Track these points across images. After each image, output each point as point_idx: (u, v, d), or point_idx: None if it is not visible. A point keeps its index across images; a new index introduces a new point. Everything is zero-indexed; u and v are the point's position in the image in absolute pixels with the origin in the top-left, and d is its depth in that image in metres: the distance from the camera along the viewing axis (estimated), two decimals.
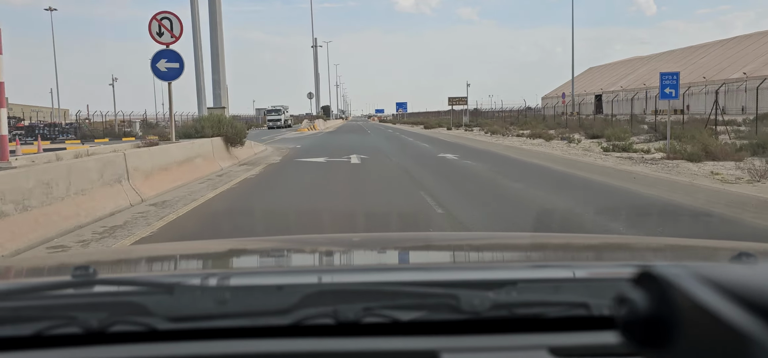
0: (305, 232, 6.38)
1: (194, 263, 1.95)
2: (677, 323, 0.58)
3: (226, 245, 2.40)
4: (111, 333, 1.06)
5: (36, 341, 1.04)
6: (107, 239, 6.90)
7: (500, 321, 1.10)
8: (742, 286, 0.55)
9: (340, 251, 2.06)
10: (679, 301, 0.58)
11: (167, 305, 1.07)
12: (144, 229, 7.35)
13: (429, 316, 1.09)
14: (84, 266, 1.15)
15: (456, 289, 1.12)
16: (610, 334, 1.02)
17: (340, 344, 1.05)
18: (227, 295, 1.09)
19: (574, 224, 7.20)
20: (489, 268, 1.58)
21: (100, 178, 8.59)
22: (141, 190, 9.63)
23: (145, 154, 10.85)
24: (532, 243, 2.28)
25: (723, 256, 1.76)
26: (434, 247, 2.22)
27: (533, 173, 12.99)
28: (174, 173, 11.48)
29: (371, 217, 7.95)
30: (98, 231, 7.27)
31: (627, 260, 1.70)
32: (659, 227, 7.12)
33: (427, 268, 1.65)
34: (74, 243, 6.67)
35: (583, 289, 1.16)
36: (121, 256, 2.33)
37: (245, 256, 2.04)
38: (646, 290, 0.63)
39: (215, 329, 1.07)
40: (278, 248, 2.18)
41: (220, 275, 1.40)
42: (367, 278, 1.29)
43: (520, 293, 1.12)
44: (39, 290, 1.13)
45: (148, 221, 7.87)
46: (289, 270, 1.64)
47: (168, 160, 11.66)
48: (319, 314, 1.08)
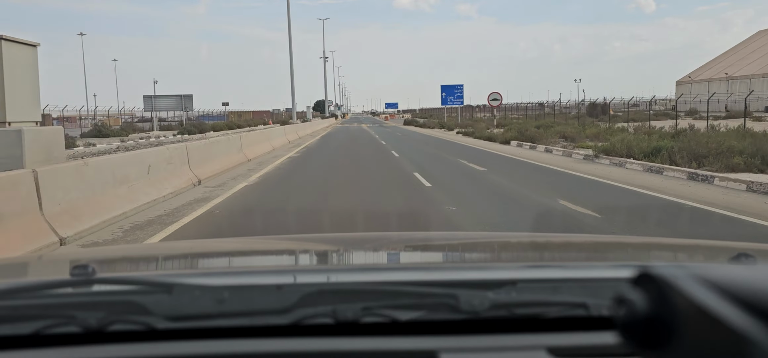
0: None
1: (193, 262, 1.95)
2: (676, 324, 0.58)
3: (226, 244, 2.40)
4: (110, 332, 1.06)
5: (35, 340, 1.04)
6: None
7: (499, 321, 1.10)
8: (741, 287, 0.55)
9: (339, 250, 2.06)
10: (678, 302, 0.58)
11: (166, 304, 1.07)
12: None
13: (428, 316, 1.09)
14: (83, 265, 1.15)
15: (455, 289, 1.12)
16: (608, 334, 1.02)
17: (339, 343, 1.05)
18: (226, 294, 1.09)
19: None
20: (488, 268, 1.57)
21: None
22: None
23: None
24: (532, 243, 2.28)
25: (722, 257, 1.76)
26: (433, 247, 2.22)
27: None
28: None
29: None
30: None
31: (626, 261, 1.70)
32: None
33: (426, 267, 1.65)
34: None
35: (581, 289, 1.16)
36: (120, 255, 2.32)
37: (244, 255, 2.04)
38: (645, 290, 0.63)
39: (214, 329, 1.07)
40: (277, 248, 2.18)
41: (219, 274, 1.40)
42: (366, 278, 1.29)
43: (519, 293, 1.12)
44: (38, 289, 1.13)
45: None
46: (288, 269, 1.64)
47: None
48: (318, 314, 1.08)
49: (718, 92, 27.92)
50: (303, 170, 15.52)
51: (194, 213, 8.80)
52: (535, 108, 52.46)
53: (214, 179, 12.96)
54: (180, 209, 9.16)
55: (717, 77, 62.90)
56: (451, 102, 56.34)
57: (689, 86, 61.31)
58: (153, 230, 7.66)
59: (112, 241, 7.10)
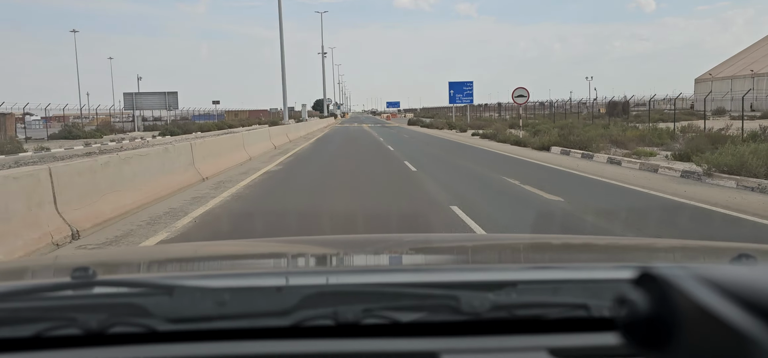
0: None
1: (194, 264, 1.95)
2: (678, 324, 0.58)
3: (226, 246, 2.40)
4: (110, 334, 1.06)
5: (36, 342, 1.04)
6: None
7: (500, 322, 1.10)
8: (742, 287, 0.55)
9: (340, 252, 2.05)
10: (680, 302, 0.58)
11: (167, 306, 1.07)
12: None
13: (429, 317, 1.09)
14: (83, 268, 1.15)
15: (456, 290, 1.12)
16: (610, 335, 1.02)
17: (340, 345, 1.05)
18: (227, 296, 1.09)
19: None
20: (489, 269, 1.57)
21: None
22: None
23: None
24: (532, 244, 2.28)
25: (723, 257, 1.76)
26: (434, 248, 2.22)
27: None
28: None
29: None
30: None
31: (627, 262, 1.70)
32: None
33: (426, 269, 1.65)
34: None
35: (582, 290, 1.15)
36: (121, 257, 2.32)
37: (245, 257, 2.04)
38: (647, 291, 0.63)
39: (215, 331, 1.07)
40: (278, 250, 2.18)
41: (220, 276, 1.39)
42: (367, 279, 1.28)
43: (520, 295, 1.12)
44: (39, 292, 1.13)
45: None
46: (288, 271, 1.63)
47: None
48: (319, 316, 1.08)
49: (741, 90, 26.33)
50: (280, 196, 10.21)
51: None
52: (537, 107, 49.92)
53: (108, 227, 7.35)
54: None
55: (741, 74, 58.34)
56: (459, 100, 51.93)
57: (709, 84, 57.49)
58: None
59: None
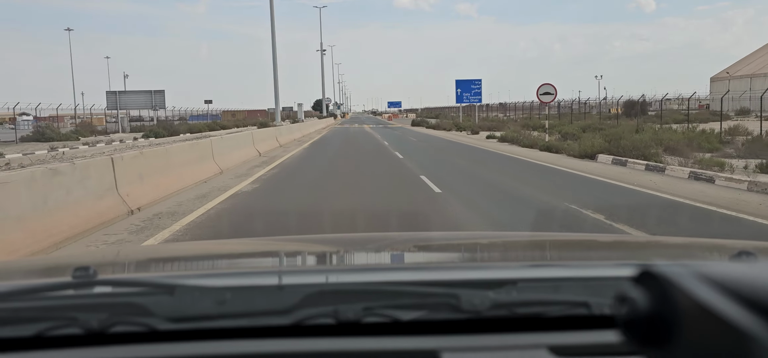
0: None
1: (194, 263, 1.95)
2: (678, 322, 0.58)
3: (227, 245, 2.40)
4: (111, 334, 1.06)
5: (37, 342, 1.04)
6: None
7: (501, 320, 1.10)
8: (743, 284, 0.55)
9: (341, 250, 2.05)
10: (680, 300, 0.58)
11: (168, 305, 1.07)
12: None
13: (429, 315, 1.09)
14: (84, 267, 1.15)
15: (456, 288, 1.12)
16: (610, 333, 1.02)
17: (341, 343, 1.05)
18: (228, 295, 1.09)
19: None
20: (489, 267, 1.57)
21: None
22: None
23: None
24: (533, 242, 2.28)
25: (723, 255, 1.76)
26: (434, 246, 2.22)
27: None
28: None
29: None
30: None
31: (627, 259, 1.70)
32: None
33: (427, 267, 1.65)
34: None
35: (583, 288, 1.16)
36: (122, 256, 2.32)
37: (245, 256, 2.04)
38: (647, 288, 0.63)
39: (216, 330, 1.07)
40: (278, 248, 2.18)
41: (221, 275, 1.40)
42: (368, 278, 1.29)
43: (521, 293, 1.12)
44: (40, 291, 1.13)
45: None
46: (289, 270, 1.64)
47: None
48: (320, 314, 1.08)
49: (761, 89, 25.26)
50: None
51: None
52: (539, 107, 47.35)
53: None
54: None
55: (761, 72, 57.02)
56: (467, 99, 47.79)
57: (726, 83, 55.70)
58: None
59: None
